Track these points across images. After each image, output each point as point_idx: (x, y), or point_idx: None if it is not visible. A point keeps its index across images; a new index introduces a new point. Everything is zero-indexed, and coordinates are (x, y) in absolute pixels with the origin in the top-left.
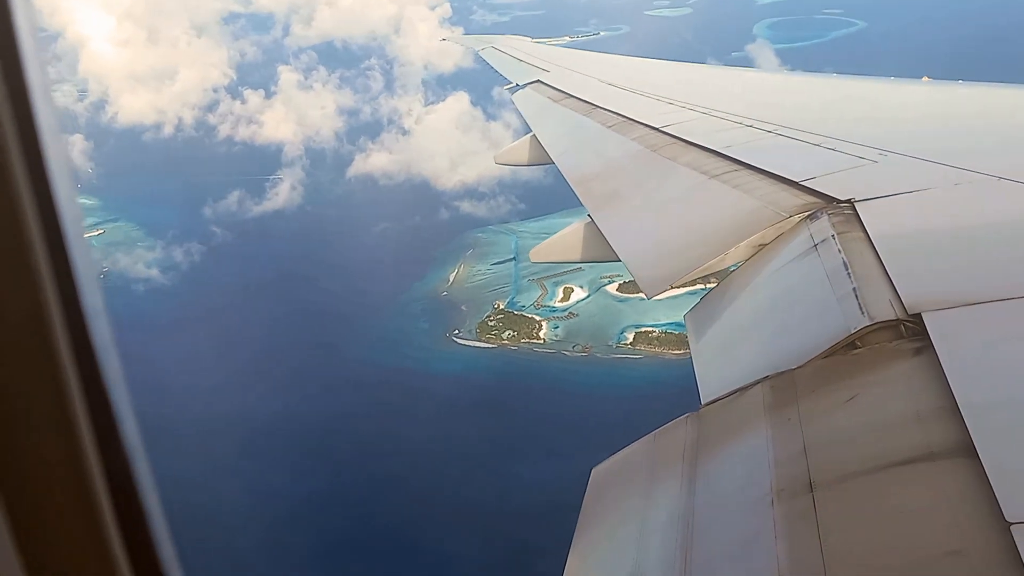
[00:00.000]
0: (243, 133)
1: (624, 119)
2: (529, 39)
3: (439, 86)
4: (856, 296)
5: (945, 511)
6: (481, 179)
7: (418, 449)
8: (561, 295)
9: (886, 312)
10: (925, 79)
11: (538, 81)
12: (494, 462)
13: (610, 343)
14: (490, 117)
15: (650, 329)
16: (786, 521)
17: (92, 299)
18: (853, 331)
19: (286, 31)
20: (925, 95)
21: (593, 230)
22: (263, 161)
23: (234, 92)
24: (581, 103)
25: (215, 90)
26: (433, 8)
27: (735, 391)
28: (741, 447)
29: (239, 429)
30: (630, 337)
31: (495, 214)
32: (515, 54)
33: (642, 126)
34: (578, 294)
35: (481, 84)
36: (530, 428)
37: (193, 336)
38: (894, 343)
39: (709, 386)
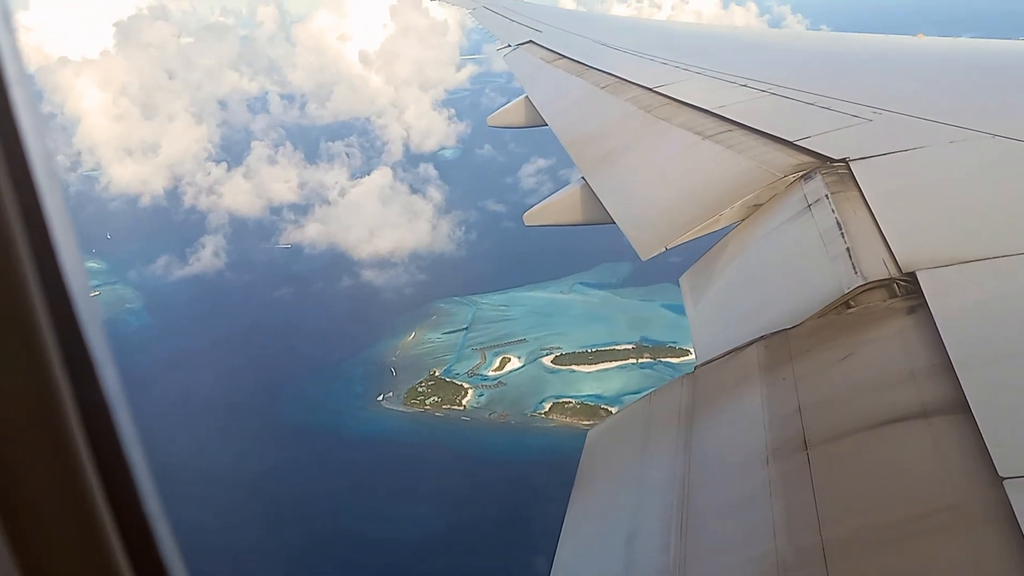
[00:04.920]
0: (230, 202)
1: (618, 79)
2: None
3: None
4: (850, 255)
5: (939, 467)
6: (405, 250)
7: (296, 500)
8: (497, 364)
9: (879, 271)
10: (920, 36)
11: (530, 42)
12: (354, 510)
13: (527, 412)
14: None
15: (568, 400)
16: (781, 479)
17: (84, 304)
18: (847, 291)
19: (300, 109)
20: (920, 52)
21: (587, 192)
22: (259, 229)
23: (224, 162)
24: (574, 64)
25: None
26: (427, 90)
27: (730, 352)
28: (736, 407)
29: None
30: (547, 407)
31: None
32: (507, 14)
33: (636, 86)
34: (513, 364)
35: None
36: (403, 483)
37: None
38: (888, 302)
39: (704, 347)
